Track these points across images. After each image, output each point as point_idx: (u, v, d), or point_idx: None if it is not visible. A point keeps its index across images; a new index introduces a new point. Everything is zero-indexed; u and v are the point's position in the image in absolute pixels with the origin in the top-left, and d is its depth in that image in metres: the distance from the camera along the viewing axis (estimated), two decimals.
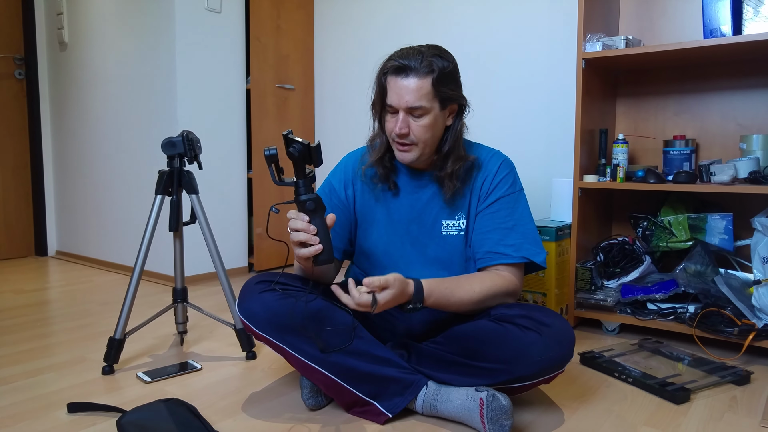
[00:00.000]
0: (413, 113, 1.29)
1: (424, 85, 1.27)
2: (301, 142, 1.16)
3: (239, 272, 2.95)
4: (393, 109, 1.31)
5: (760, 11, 1.69)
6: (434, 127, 1.32)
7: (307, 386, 1.32)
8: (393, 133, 1.32)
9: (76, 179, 3.33)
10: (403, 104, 1.28)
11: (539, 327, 1.21)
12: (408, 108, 1.28)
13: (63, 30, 3.28)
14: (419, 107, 1.28)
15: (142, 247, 1.62)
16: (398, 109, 1.29)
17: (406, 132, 1.30)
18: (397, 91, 1.28)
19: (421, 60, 1.27)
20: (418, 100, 1.27)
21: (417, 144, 1.32)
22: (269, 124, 2.96)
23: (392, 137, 1.34)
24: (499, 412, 1.16)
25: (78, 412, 1.33)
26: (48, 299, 2.43)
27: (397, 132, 1.30)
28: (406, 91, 1.27)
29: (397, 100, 1.28)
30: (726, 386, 1.49)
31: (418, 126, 1.30)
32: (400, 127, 1.29)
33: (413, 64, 1.27)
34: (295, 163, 1.17)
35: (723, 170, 1.73)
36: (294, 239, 1.18)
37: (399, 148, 1.34)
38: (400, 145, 1.34)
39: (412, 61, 1.27)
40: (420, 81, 1.26)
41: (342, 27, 3.08)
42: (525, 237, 1.36)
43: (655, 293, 1.85)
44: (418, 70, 1.26)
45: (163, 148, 1.62)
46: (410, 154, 1.34)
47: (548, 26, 2.38)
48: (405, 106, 1.28)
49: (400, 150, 1.34)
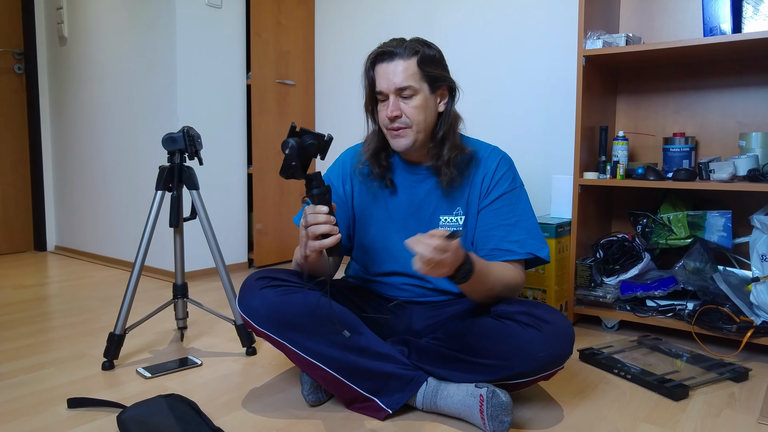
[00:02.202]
0: (402, 95, 1.32)
1: (410, 66, 1.31)
2: (316, 134, 1.21)
3: (239, 268, 2.95)
4: (383, 96, 1.34)
5: (759, 9, 1.69)
6: (426, 109, 1.34)
7: (307, 382, 1.32)
8: (386, 118, 1.34)
9: (75, 174, 3.33)
10: (392, 87, 1.31)
11: (539, 324, 1.21)
12: (397, 89, 1.31)
13: (63, 24, 3.27)
14: (407, 87, 1.31)
15: (143, 243, 1.62)
16: (388, 93, 1.32)
17: (398, 114, 1.32)
18: (385, 76, 1.32)
19: (404, 46, 1.32)
20: (405, 80, 1.30)
21: (411, 127, 1.33)
22: (270, 120, 2.96)
23: (385, 125, 1.36)
24: (498, 409, 1.16)
25: (78, 408, 1.33)
26: (48, 294, 2.43)
27: (389, 114, 1.32)
28: (393, 74, 1.31)
29: (386, 84, 1.32)
30: (724, 383, 1.49)
31: (410, 108, 1.32)
32: (392, 109, 1.32)
33: (397, 49, 1.32)
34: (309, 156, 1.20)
35: (722, 168, 1.73)
36: (316, 231, 1.19)
37: (393, 133, 1.35)
38: (393, 131, 1.35)
39: (395, 47, 1.32)
40: (405, 62, 1.31)
41: (343, 23, 3.07)
42: (528, 232, 1.37)
43: (654, 290, 1.85)
44: (402, 54, 1.31)
45: (163, 143, 1.62)
46: (405, 139, 1.34)
47: (549, 24, 2.38)
48: (394, 88, 1.31)
49: (394, 135, 1.35)
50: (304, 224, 1.20)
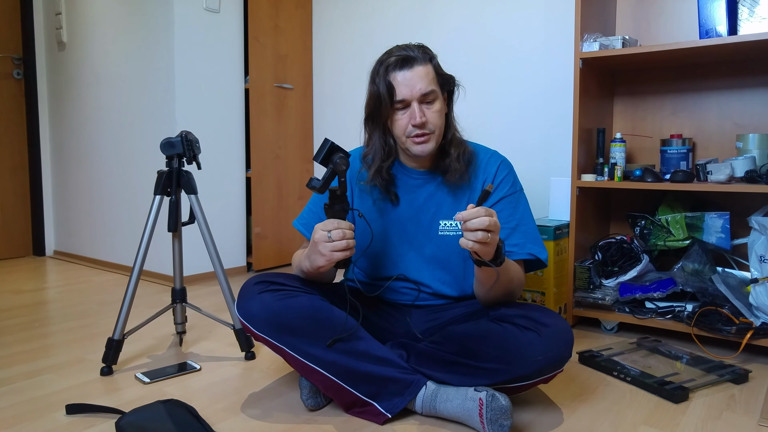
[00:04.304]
0: (426, 101, 1.31)
1: (430, 71, 1.31)
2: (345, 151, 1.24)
3: (238, 272, 2.95)
4: (404, 104, 1.31)
5: (755, 11, 1.69)
6: (443, 113, 1.35)
7: (306, 386, 1.32)
8: (410, 126, 1.31)
9: (74, 179, 3.33)
10: (417, 93, 1.29)
11: (538, 327, 1.21)
12: (422, 95, 1.29)
13: (61, 30, 3.27)
14: (431, 92, 1.30)
15: (141, 247, 1.62)
16: (411, 101, 1.30)
17: (425, 120, 1.30)
18: (407, 83, 1.29)
19: (417, 50, 1.31)
20: (429, 85, 1.30)
21: (434, 132, 1.33)
22: (268, 124, 2.96)
23: (407, 133, 1.33)
24: (498, 412, 1.16)
25: (77, 414, 1.33)
26: (46, 299, 2.43)
27: (417, 122, 1.29)
28: (416, 80, 1.29)
29: (409, 91, 1.29)
30: (724, 385, 1.49)
31: (432, 113, 1.32)
32: (419, 116, 1.29)
33: (413, 53, 1.30)
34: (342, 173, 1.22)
35: (720, 169, 1.74)
36: (340, 247, 1.19)
37: (417, 140, 1.33)
38: (418, 138, 1.32)
39: (410, 51, 1.30)
40: (425, 67, 1.30)
41: (340, 26, 3.08)
42: (527, 236, 1.37)
43: (653, 292, 1.85)
44: (421, 59, 1.30)
45: (162, 148, 1.62)
46: (429, 144, 1.34)
47: (545, 26, 2.38)
48: (419, 94, 1.29)
49: (418, 142, 1.33)
50: (327, 238, 1.20)
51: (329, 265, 1.24)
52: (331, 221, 1.21)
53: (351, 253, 1.22)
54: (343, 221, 1.22)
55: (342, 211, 1.24)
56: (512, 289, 1.32)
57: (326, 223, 1.21)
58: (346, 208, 1.25)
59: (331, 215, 1.24)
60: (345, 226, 1.21)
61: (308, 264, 1.28)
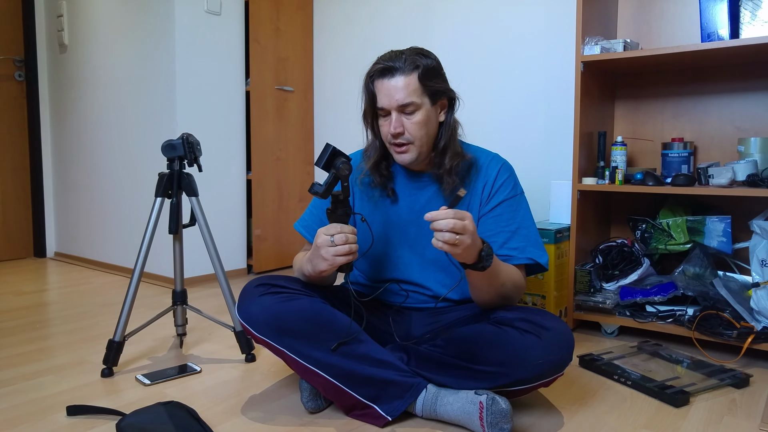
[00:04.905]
0: (405, 111, 1.31)
1: (411, 82, 1.29)
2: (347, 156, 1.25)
3: (238, 274, 2.95)
4: (385, 112, 1.33)
5: (757, 15, 1.69)
6: (428, 124, 1.33)
7: (306, 389, 1.32)
8: (388, 135, 1.33)
9: (75, 181, 3.33)
10: (394, 103, 1.30)
11: (538, 330, 1.21)
12: (399, 106, 1.30)
13: (63, 32, 3.28)
14: (410, 103, 1.29)
15: (142, 249, 1.62)
16: (390, 109, 1.31)
17: (401, 131, 1.31)
18: (386, 92, 1.30)
19: (404, 59, 1.30)
20: (407, 97, 1.29)
21: (413, 143, 1.33)
22: (269, 126, 2.96)
23: (388, 140, 1.35)
24: (498, 416, 1.16)
25: (77, 415, 1.33)
26: (47, 301, 2.43)
27: (392, 132, 1.31)
28: (395, 90, 1.29)
29: (388, 101, 1.30)
30: (725, 389, 1.49)
31: (412, 123, 1.31)
32: (395, 126, 1.30)
33: (397, 64, 1.30)
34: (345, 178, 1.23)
35: (721, 173, 1.74)
36: (342, 252, 1.20)
37: (396, 149, 1.35)
38: (396, 147, 1.34)
39: (395, 61, 1.30)
40: (406, 78, 1.29)
41: (341, 29, 3.08)
42: (528, 240, 1.37)
43: (654, 296, 1.85)
44: (403, 69, 1.29)
45: (163, 150, 1.62)
46: (408, 154, 1.34)
47: (546, 29, 2.38)
48: (396, 104, 1.29)
49: (398, 152, 1.35)
50: (329, 243, 1.20)
51: (332, 269, 1.24)
52: (334, 225, 1.22)
53: (354, 257, 1.22)
54: (346, 225, 1.22)
55: (344, 215, 1.25)
56: (506, 293, 1.31)
57: (329, 228, 1.21)
58: (349, 213, 1.25)
59: (333, 220, 1.24)
60: (348, 231, 1.21)
61: (310, 267, 1.28)
